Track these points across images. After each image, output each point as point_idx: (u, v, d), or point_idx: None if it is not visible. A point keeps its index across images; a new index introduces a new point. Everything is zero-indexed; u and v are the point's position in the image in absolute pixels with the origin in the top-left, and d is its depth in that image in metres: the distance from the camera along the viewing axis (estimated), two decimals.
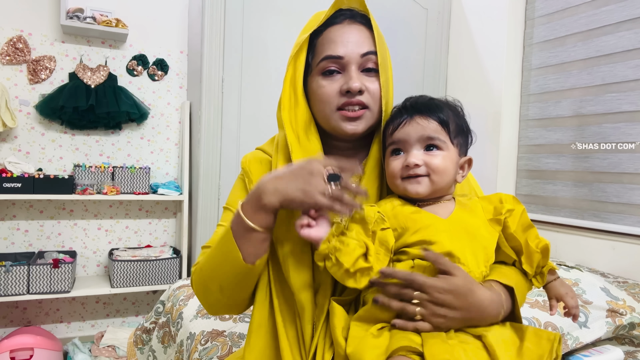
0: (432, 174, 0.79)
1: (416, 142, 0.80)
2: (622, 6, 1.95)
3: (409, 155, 0.80)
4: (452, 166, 0.81)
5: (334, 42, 0.85)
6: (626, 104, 1.95)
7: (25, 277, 2.20)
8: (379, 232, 0.75)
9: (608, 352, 1.30)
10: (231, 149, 2.28)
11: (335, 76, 0.85)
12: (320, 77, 0.86)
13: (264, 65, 2.33)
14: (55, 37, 2.46)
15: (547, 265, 0.81)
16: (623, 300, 1.48)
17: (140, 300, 2.75)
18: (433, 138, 0.79)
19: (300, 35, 0.89)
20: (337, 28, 0.86)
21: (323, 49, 0.86)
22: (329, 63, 0.85)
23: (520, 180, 2.41)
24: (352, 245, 0.72)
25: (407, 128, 0.80)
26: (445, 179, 0.80)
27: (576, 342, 1.33)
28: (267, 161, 0.93)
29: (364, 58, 0.84)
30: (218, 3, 2.21)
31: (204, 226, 2.30)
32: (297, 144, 0.87)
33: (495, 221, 0.81)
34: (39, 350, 2.16)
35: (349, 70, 0.84)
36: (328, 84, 0.85)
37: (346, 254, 0.71)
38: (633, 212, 1.92)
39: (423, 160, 0.79)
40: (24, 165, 2.33)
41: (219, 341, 1.29)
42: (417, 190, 0.79)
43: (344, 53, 0.84)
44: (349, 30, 0.86)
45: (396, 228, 0.77)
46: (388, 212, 0.78)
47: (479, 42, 2.54)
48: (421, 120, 0.80)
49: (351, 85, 0.82)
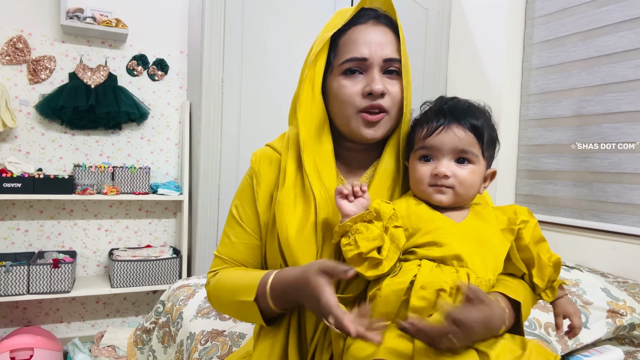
0: (458, 186, 0.79)
1: (449, 152, 0.79)
2: (622, 6, 1.95)
3: (440, 164, 0.79)
4: (479, 180, 0.81)
5: (358, 43, 0.84)
6: (626, 104, 1.94)
7: (25, 277, 2.20)
8: (391, 228, 0.75)
9: (608, 352, 1.30)
10: (231, 149, 2.28)
11: (357, 77, 0.84)
12: (342, 77, 0.85)
13: (264, 65, 2.32)
14: (55, 37, 2.46)
15: (557, 280, 0.80)
16: (623, 300, 1.48)
17: (140, 300, 2.75)
18: (467, 152, 0.79)
19: (323, 33, 0.88)
20: (361, 28, 0.85)
21: (346, 50, 0.85)
22: (352, 64, 0.84)
23: (520, 180, 2.41)
24: (375, 234, 0.73)
25: (442, 136, 0.79)
26: (470, 192, 0.80)
27: (576, 342, 1.33)
28: (277, 160, 0.92)
29: (387, 62, 0.84)
30: (218, 3, 2.21)
31: (204, 226, 2.30)
32: (309, 144, 0.87)
33: (509, 231, 0.80)
34: (39, 350, 2.16)
35: (372, 72, 0.83)
36: (350, 85, 0.84)
37: (366, 240, 0.72)
38: (633, 212, 1.92)
39: (453, 172, 0.78)
40: (24, 165, 2.33)
41: (219, 341, 1.29)
42: (442, 200, 0.79)
43: (368, 54, 0.83)
44: (373, 31, 0.85)
45: (408, 228, 0.77)
46: (402, 212, 0.79)
47: (479, 42, 2.53)
48: (458, 130, 0.79)
49: (374, 88, 0.82)
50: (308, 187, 0.84)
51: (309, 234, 0.82)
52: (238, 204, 0.94)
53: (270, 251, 0.89)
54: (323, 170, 0.87)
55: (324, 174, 0.87)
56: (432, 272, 0.73)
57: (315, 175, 0.85)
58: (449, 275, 0.72)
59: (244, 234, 0.92)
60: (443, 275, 0.72)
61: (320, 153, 0.87)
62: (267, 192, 0.91)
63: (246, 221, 0.92)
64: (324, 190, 0.85)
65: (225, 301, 0.88)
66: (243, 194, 0.94)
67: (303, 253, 0.81)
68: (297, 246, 0.81)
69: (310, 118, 0.87)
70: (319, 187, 0.85)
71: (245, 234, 0.92)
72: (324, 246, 0.82)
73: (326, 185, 0.86)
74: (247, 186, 0.94)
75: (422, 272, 0.72)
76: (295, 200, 0.85)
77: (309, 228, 0.82)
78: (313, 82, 0.87)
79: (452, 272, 0.73)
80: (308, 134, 0.87)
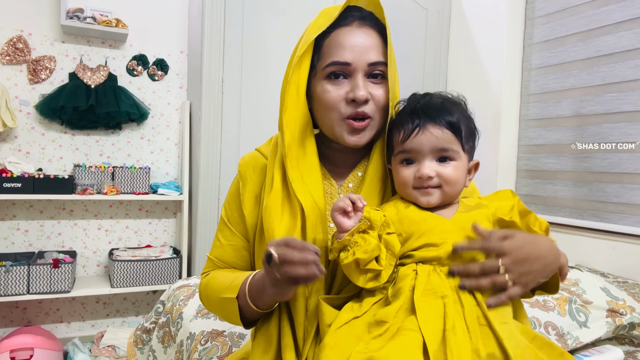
0: (444, 185, 0.78)
1: (429, 153, 0.78)
2: (622, 6, 1.95)
3: (422, 166, 0.78)
4: (463, 174, 0.81)
5: (342, 47, 0.82)
6: (626, 104, 1.94)
7: (25, 277, 2.20)
8: (385, 236, 0.74)
9: (608, 352, 1.31)
10: (231, 149, 2.28)
11: (341, 81, 0.83)
12: (326, 81, 0.83)
13: (264, 65, 2.33)
14: (55, 37, 2.46)
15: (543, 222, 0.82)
16: (623, 300, 1.48)
17: (140, 300, 2.75)
18: (447, 149, 0.78)
19: (307, 33, 0.85)
20: (346, 31, 0.83)
21: (330, 53, 0.82)
22: (335, 68, 0.82)
23: (520, 180, 2.41)
24: (372, 245, 0.72)
25: (420, 138, 0.78)
26: (456, 188, 0.80)
27: (576, 341, 1.33)
28: (263, 164, 0.92)
29: (371, 66, 0.82)
30: (218, 3, 2.21)
31: (204, 226, 2.30)
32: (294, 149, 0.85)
33: (498, 222, 0.80)
34: (39, 350, 2.16)
35: (355, 78, 0.82)
36: (334, 89, 0.82)
37: (365, 252, 0.71)
38: (633, 212, 1.92)
39: (436, 172, 0.78)
40: (24, 165, 2.33)
41: (218, 341, 1.29)
42: (429, 200, 0.78)
43: (351, 59, 0.81)
44: (357, 34, 0.82)
45: (401, 233, 0.76)
46: (393, 217, 0.78)
47: (479, 42, 2.54)
48: (434, 129, 0.77)
49: (357, 95, 0.80)
50: (293, 195, 0.83)
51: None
52: (227, 207, 0.96)
53: (259, 255, 0.90)
54: (307, 175, 0.85)
55: (308, 178, 0.85)
56: (434, 273, 0.73)
57: (299, 181, 0.84)
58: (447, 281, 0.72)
59: (232, 236, 0.94)
60: (440, 280, 0.72)
61: (305, 156, 0.86)
62: (252, 194, 0.91)
63: (234, 224, 0.94)
64: (309, 196, 0.83)
65: (212, 299, 0.90)
66: (231, 197, 0.96)
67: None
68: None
69: (294, 121, 0.85)
70: (304, 193, 0.83)
71: (233, 236, 0.94)
72: None
73: (311, 191, 0.84)
74: (235, 190, 0.95)
75: (420, 281, 0.72)
76: (282, 206, 0.84)
77: (296, 235, 0.82)
78: (298, 85, 0.85)
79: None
80: (293, 138, 0.85)
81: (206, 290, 0.93)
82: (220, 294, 0.87)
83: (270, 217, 0.83)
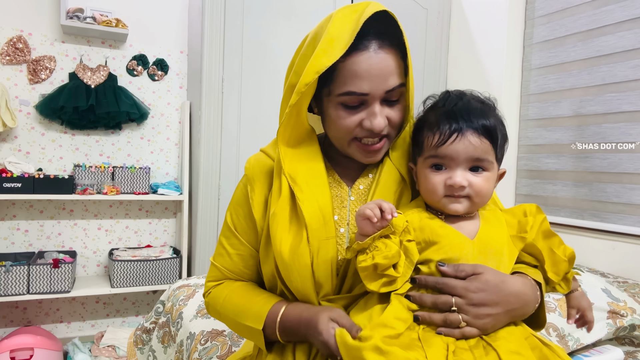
0: (474, 196, 0.76)
1: (464, 161, 0.75)
2: (622, 6, 1.95)
3: (454, 174, 0.75)
4: (493, 185, 0.79)
5: (359, 77, 0.76)
6: (626, 104, 1.94)
7: (25, 277, 2.20)
8: (405, 242, 0.73)
9: (608, 352, 1.31)
10: (231, 149, 2.28)
11: (357, 109, 0.79)
12: (341, 108, 0.79)
13: (264, 65, 2.32)
14: (55, 37, 2.46)
15: (571, 272, 0.80)
16: (624, 301, 1.48)
17: (140, 300, 2.75)
18: (482, 160, 0.75)
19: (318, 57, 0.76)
20: (363, 59, 0.76)
21: (345, 81, 0.77)
22: (351, 98, 0.78)
23: (520, 180, 2.41)
24: (394, 251, 0.70)
25: (457, 145, 0.74)
26: (485, 200, 0.78)
27: (577, 343, 1.33)
28: (270, 168, 0.90)
29: (389, 92, 0.78)
30: (218, 3, 2.21)
31: (204, 226, 2.30)
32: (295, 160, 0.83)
33: (519, 239, 0.79)
34: (39, 350, 2.16)
35: (372, 106, 0.78)
36: (348, 116, 0.79)
37: (385, 258, 0.69)
38: (633, 212, 1.92)
39: (469, 182, 0.75)
40: (24, 165, 2.33)
41: (218, 341, 1.29)
42: (457, 209, 0.76)
43: (369, 90, 0.76)
44: (375, 61, 0.76)
45: (420, 242, 0.75)
46: (415, 224, 0.76)
47: (479, 42, 2.53)
48: (473, 137, 0.74)
49: (374, 125, 0.78)
50: (299, 205, 0.81)
51: (303, 251, 0.79)
52: (233, 212, 0.93)
53: (265, 263, 0.88)
54: (312, 180, 0.83)
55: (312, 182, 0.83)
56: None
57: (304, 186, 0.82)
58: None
59: (239, 245, 0.92)
60: None
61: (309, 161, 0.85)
62: (261, 198, 0.89)
63: (241, 232, 0.92)
64: (314, 201, 0.81)
65: (227, 319, 0.89)
66: (238, 202, 0.93)
67: (297, 269, 0.80)
68: (292, 262, 0.79)
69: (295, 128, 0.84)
70: (308, 199, 0.81)
71: (240, 244, 0.92)
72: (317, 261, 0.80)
73: (316, 196, 0.82)
74: (242, 195, 0.92)
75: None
76: (290, 214, 0.82)
77: (303, 244, 0.79)
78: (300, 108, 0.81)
79: None
80: (295, 143, 0.85)
81: (216, 306, 0.91)
82: (239, 318, 0.85)
83: (278, 225, 0.81)
